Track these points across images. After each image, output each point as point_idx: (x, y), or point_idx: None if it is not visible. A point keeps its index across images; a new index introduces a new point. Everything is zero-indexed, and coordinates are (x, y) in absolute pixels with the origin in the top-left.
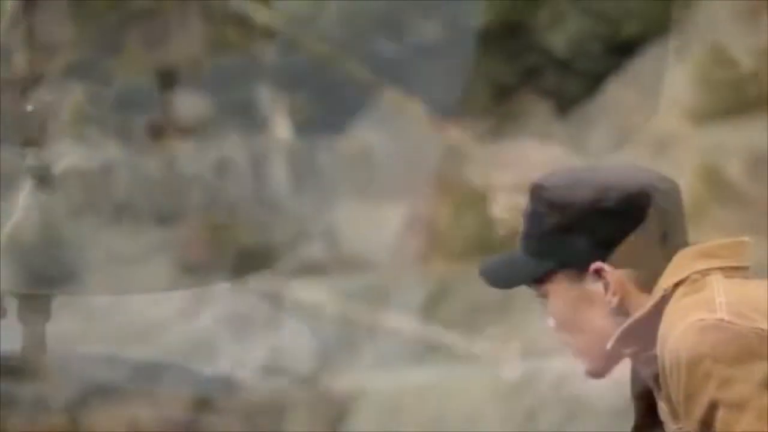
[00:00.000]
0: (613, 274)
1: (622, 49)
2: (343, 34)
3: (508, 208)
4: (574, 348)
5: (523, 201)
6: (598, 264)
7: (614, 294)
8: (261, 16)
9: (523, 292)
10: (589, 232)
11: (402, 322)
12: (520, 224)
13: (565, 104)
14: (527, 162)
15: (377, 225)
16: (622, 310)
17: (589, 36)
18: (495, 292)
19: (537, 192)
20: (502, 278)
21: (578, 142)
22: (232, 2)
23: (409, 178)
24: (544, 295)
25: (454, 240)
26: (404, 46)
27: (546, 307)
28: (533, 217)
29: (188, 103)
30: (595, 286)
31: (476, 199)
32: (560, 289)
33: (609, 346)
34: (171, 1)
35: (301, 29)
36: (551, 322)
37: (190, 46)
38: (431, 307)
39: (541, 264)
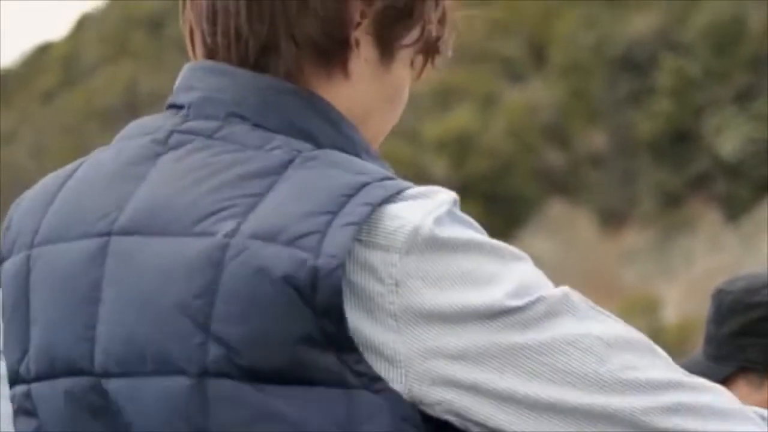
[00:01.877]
0: None
1: None
2: (510, 145)
3: (679, 315)
4: None
5: (692, 307)
6: None
7: None
8: (430, 130)
9: None
10: None
11: None
12: (690, 331)
13: (735, 210)
14: (697, 269)
15: None
16: None
17: (758, 140)
18: None
19: (719, 296)
20: None
21: (750, 248)
22: (402, 117)
23: (578, 286)
24: None
25: None
26: (572, 156)
27: None
28: (715, 321)
29: None
30: None
31: (646, 307)
32: (742, 394)
33: None
34: None
35: (469, 142)
36: None
37: None
38: None
39: (722, 369)
